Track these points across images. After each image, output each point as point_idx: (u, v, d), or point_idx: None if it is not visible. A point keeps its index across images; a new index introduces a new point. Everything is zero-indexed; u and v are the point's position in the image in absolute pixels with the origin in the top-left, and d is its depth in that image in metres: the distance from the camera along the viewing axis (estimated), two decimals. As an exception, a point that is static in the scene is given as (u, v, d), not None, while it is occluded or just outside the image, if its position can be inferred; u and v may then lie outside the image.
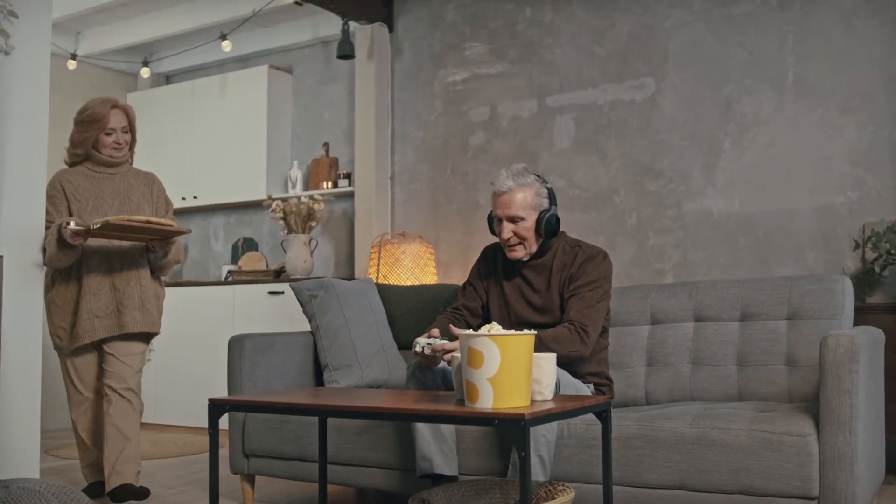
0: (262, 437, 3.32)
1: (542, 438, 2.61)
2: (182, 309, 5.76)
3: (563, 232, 3.08)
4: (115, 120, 3.47)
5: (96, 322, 3.33)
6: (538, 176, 2.99)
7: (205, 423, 5.42)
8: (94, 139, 3.45)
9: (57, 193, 3.39)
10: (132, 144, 3.58)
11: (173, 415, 5.70)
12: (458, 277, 5.09)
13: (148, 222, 3.08)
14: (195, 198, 6.13)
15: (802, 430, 2.46)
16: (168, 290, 5.80)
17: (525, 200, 2.91)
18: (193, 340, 5.64)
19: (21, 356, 3.27)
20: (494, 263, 3.13)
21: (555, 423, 2.67)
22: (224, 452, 4.20)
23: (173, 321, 5.77)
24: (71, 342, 3.36)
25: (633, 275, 4.56)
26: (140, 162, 6.36)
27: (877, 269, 3.79)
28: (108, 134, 3.46)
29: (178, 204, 6.20)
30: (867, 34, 4.09)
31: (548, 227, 2.92)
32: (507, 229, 2.93)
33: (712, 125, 4.44)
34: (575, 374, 2.90)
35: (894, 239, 3.75)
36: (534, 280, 3.01)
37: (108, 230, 3.11)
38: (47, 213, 3.31)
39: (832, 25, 4.17)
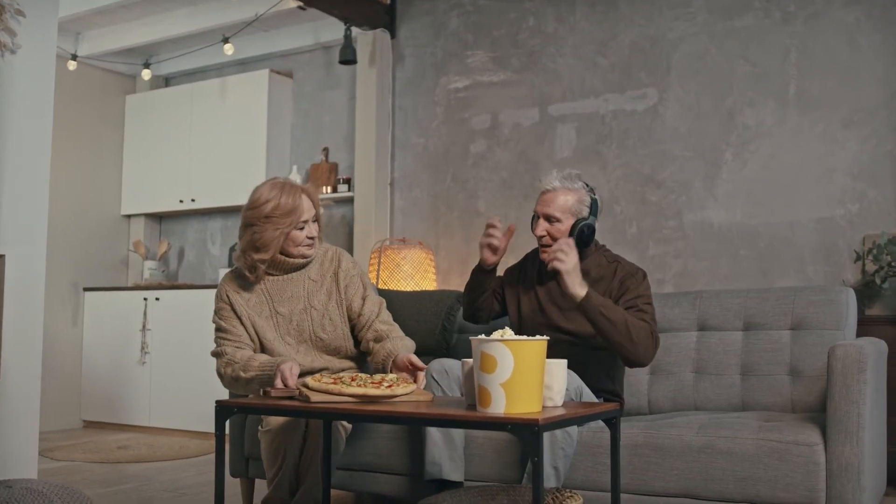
0: (263, 440, 3.30)
1: (561, 451, 2.61)
2: (178, 312, 5.74)
3: (603, 245, 3.07)
4: (307, 209, 2.79)
5: None
6: (587, 185, 2.98)
7: (201, 427, 5.39)
8: (284, 237, 2.77)
9: (224, 305, 2.86)
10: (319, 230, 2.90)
11: (168, 418, 5.67)
12: (458, 284, 5.08)
13: (365, 396, 2.27)
14: (193, 201, 6.10)
15: (809, 440, 2.46)
16: (163, 293, 5.85)
17: (566, 204, 2.91)
18: (189, 343, 5.61)
19: (21, 357, 3.25)
20: (532, 267, 3.10)
21: (574, 437, 2.66)
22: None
23: (168, 324, 5.77)
24: None
25: (633, 284, 4.55)
26: (138, 165, 6.41)
27: (878, 281, 3.80)
28: (302, 228, 2.78)
29: (175, 207, 6.20)
30: (870, 50, 4.11)
31: (580, 234, 2.89)
32: (542, 227, 2.93)
33: (714, 136, 4.45)
34: (591, 388, 2.91)
35: (895, 251, 3.77)
36: None
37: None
38: (220, 329, 2.84)
39: (835, 40, 4.19)
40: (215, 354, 2.85)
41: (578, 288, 2.71)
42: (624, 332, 2.69)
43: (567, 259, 2.70)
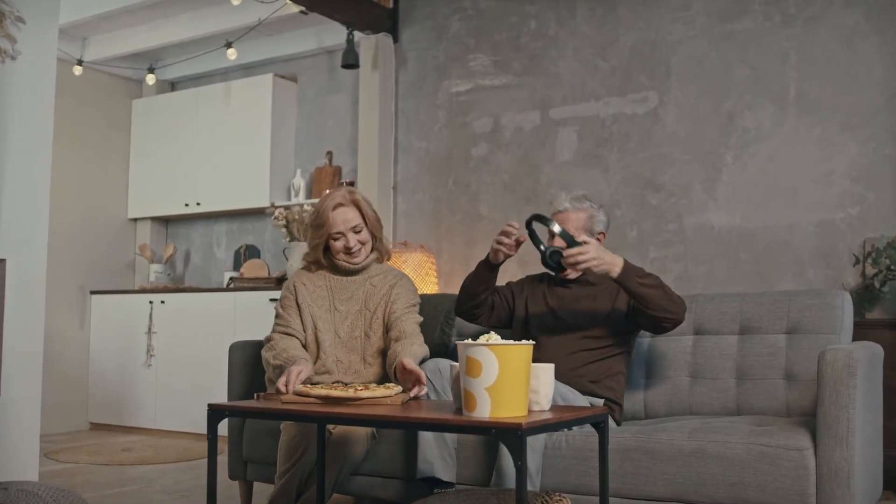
0: (260, 443, 3.32)
1: (527, 447, 2.62)
2: (183, 315, 5.78)
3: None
4: (341, 221, 2.99)
5: None
6: (592, 203, 3.13)
7: (205, 429, 5.41)
8: (324, 245, 3.05)
9: (289, 295, 3.08)
10: (375, 240, 3.10)
11: (173, 420, 5.71)
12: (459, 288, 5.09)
13: (328, 396, 2.31)
14: (198, 204, 6.14)
15: (800, 445, 2.46)
16: (169, 296, 5.89)
17: (579, 221, 3.07)
18: (194, 346, 5.65)
19: (23, 360, 3.29)
20: (542, 280, 3.22)
21: (542, 435, 2.69)
22: (223, 459, 4.20)
23: (174, 327, 5.81)
24: None
25: (633, 287, 4.56)
26: (144, 168, 6.45)
27: (877, 284, 3.79)
28: (336, 239, 3.01)
29: (181, 210, 6.24)
30: (869, 52, 4.11)
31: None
32: (558, 245, 3.02)
33: (714, 140, 4.45)
34: (590, 390, 2.92)
35: (894, 255, 3.76)
36: (580, 293, 3.10)
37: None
38: (277, 315, 3.07)
39: (834, 43, 4.19)
40: (266, 339, 3.05)
41: (612, 266, 2.81)
42: (662, 293, 2.84)
43: (585, 255, 2.77)
